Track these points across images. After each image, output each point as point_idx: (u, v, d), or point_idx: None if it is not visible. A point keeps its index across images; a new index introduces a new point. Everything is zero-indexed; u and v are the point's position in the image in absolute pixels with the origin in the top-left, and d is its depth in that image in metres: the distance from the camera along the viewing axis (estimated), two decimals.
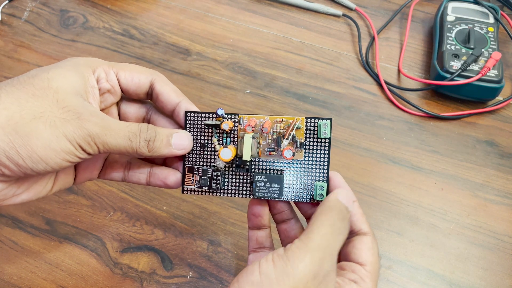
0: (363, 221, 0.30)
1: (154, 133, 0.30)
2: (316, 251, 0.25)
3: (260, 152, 0.33)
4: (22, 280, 0.42)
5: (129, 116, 0.35)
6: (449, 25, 0.55)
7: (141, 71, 0.33)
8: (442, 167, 0.48)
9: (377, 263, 0.29)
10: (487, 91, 0.51)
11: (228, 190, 0.33)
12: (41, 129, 0.26)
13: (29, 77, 0.28)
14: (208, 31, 0.60)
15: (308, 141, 0.32)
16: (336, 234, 0.27)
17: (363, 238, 0.30)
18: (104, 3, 0.63)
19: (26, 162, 0.26)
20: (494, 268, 0.42)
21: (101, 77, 0.31)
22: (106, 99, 0.33)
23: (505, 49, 0.58)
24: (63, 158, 0.27)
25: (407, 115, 0.53)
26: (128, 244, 0.44)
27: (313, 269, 0.24)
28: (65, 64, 0.30)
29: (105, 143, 0.28)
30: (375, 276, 0.29)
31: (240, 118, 0.33)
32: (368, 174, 0.48)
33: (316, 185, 0.32)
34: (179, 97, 0.33)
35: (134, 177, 0.34)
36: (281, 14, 0.62)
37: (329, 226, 0.27)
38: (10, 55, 0.58)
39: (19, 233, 0.44)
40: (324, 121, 0.31)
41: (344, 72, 0.56)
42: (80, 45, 0.59)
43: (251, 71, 0.56)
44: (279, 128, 0.32)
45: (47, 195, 0.31)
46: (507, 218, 0.45)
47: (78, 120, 0.27)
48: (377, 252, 0.30)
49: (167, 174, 0.34)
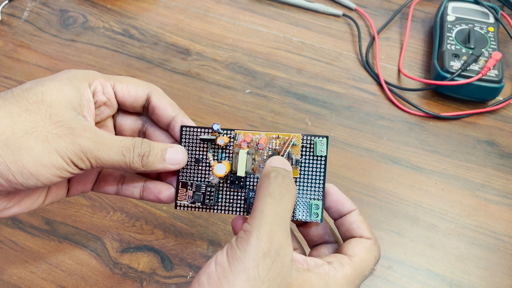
0: (364, 228, 0.30)
1: (148, 148, 0.30)
2: (261, 227, 0.24)
3: (255, 168, 0.32)
4: (22, 280, 0.42)
5: (125, 128, 0.34)
6: (449, 25, 0.55)
7: (137, 84, 0.33)
8: (442, 167, 0.48)
9: (368, 263, 0.28)
10: (487, 91, 0.51)
11: (221, 206, 0.33)
12: (32, 145, 0.25)
13: (23, 90, 0.27)
14: (208, 31, 0.60)
15: (304, 159, 0.32)
16: (278, 200, 0.26)
17: (363, 239, 0.30)
18: (104, 3, 0.63)
19: (16, 178, 0.25)
20: (494, 268, 0.42)
21: (97, 90, 0.31)
22: (102, 112, 0.32)
23: (505, 49, 0.58)
24: (54, 173, 0.26)
25: (407, 115, 0.53)
26: (128, 244, 0.44)
27: (262, 248, 0.23)
28: (61, 77, 0.29)
29: (97, 158, 0.28)
30: (359, 273, 0.28)
31: (236, 134, 0.32)
32: (368, 174, 0.48)
33: (311, 203, 0.31)
34: (175, 111, 0.33)
35: (127, 191, 0.34)
36: (281, 14, 0.62)
37: (268, 196, 0.26)
38: (10, 55, 0.58)
39: (19, 233, 0.44)
40: (320, 138, 0.31)
41: (344, 72, 0.56)
42: (80, 45, 0.59)
43: (251, 71, 0.56)
44: (275, 145, 0.32)
45: (39, 207, 0.31)
46: (507, 218, 0.45)
47: (70, 135, 0.26)
48: (374, 255, 0.29)
49: (161, 189, 0.33)
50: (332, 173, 0.48)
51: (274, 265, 0.23)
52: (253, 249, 0.23)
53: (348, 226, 0.31)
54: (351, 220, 0.30)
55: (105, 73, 0.33)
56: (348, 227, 0.31)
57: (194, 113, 0.52)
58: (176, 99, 0.53)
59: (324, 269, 0.26)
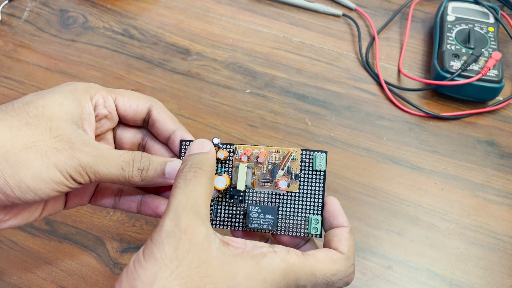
0: (344, 244, 0.29)
1: (148, 162, 0.30)
2: (166, 215, 0.24)
3: (254, 182, 0.32)
4: (22, 280, 0.42)
5: (125, 142, 0.35)
6: (449, 25, 0.55)
7: (139, 97, 0.33)
8: (442, 167, 0.48)
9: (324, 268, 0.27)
10: (487, 91, 0.51)
11: (220, 221, 0.33)
12: (31, 159, 0.25)
13: (24, 104, 0.27)
14: (208, 31, 0.60)
15: (303, 173, 0.32)
16: (183, 187, 0.26)
17: (332, 250, 0.29)
18: (104, 3, 0.63)
19: (14, 192, 0.25)
20: (494, 268, 0.42)
21: (99, 103, 0.31)
22: (103, 125, 0.32)
23: (505, 49, 0.58)
24: (52, 188, 0.26)
25: (407, 115, 0.53)
26: (128, 244, 0.44)
27: (165, 230, 0.23)
28: (62, 89, 0.29)
29: (96, 173, 0.28)
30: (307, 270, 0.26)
31: (236, 148, 0.33)
32: (368, 174, 0.48)
33: (310, 218, 0.31)
34: (175, 125, 0.33)
35: (124, 205, 0.34)
36: (281, 14, 0.62)
37: (174, 188, 0.26)
38: (10, 55, 0.58)
39: (19, 233, 0.44)
40: (320, 153, 0.31)
41: (344, 72, 0.56)
42: (80, 45, 0.59)
43: (251, 71, 0.56)
44: (275, 159, 0.32)
45: (36, 220, 0.31)
46: (507, 218, 0.45)
47: (70, 150, 0.26)
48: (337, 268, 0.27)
49: (158, 204, 0.33)
50: (332, 173, 0.48)
51: (181, 244, 0.23)
52: (158, 235, 0.23)
53: (330, 238, 0.30)
54: (335, 233, 0.29)
55: (105, 73, 0.33)
56: (330, 239, 0.30)
57: (194, 113, 0.52)
58: (176, 99, 0.53)
59: (262, 250, 0.25)
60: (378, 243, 0.44)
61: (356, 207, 0.46)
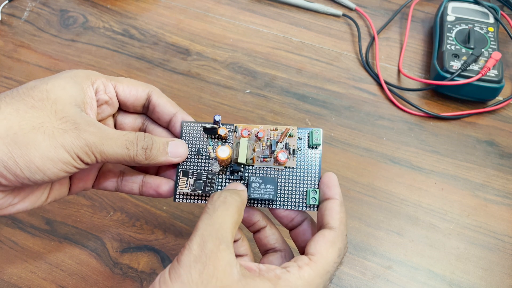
0: (335, 218, 0.30)
1: (151, 141, 0.31)
2: (193, 239, 0.25)
3: (254, 159, 0.33)
4: (22, 280, 0.42)
5: (125, 127, 0.35)
6: (449, 25, 0.55)
7: (138, 84, 0.34)
8: (442, 167, 0.48)
9: (330, 259, 0.28)
10: (487, 91, 0.51)
11: None
12: (39, 140, 0.26)
13: (28, 89, 0.28)
14: (208, 31, 0.60)
15: (300, 149, 0.34)
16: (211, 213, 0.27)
17: (326, 232, 0.29)
18: (104, 3, 0.63)
19: (24, 172, 0.26)
20: (494, 268, 0.42)
21: (99, 89, 0.32)
22: (104, 111, 0.33)
23: (505, 49, 0.58)
24: (60, 168, 0.27)
25: (407, 115, 0.53)
26: (128, 244, 0.44)
27: (193, 255, 0.25)
28: (64, 75, 0.30)
29: (102, 152, 0.28)
30: (321, 272, 0.28)
31: (236, 127, 0.34)
32: (368, 174, 0.48)
33: (309, 191, 0.33)
34: (175, 108, 0.34)
35: (127, 187, 0.35)
36: (281, 14, 0.62)
37: (203, 213, 0.27)
38: (10, 55, 0.58)
39: (19, 233, 0.44)
40: (316, 129, 0.33)
41: (344, 72, 0.56)
42: (80, 45, 0.59)
43: (251, 71, 0.56)
44: (273, 136, 0.34)
45: (42, 205, 0.32)
46: (507, 218, 0.45)
47: (76, 130, 0.27)
48: (338, 247, 0.29)
49: (160, 183, 0.34)
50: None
51: (206, 269, 0.24)
52: (185, 258, 0.25)
53: (322, 212, 0.31)
54: (327, 206, 0.31)
55: (105, 73, 0.34)
56: (322, 213, 0.31)
57: (194, 113, 0.52)
58: (176, 99, 0.53)
59: (276, 272, 0.27)
60: (378, 243, 0.44)
61: (356, 207, 0.46)
